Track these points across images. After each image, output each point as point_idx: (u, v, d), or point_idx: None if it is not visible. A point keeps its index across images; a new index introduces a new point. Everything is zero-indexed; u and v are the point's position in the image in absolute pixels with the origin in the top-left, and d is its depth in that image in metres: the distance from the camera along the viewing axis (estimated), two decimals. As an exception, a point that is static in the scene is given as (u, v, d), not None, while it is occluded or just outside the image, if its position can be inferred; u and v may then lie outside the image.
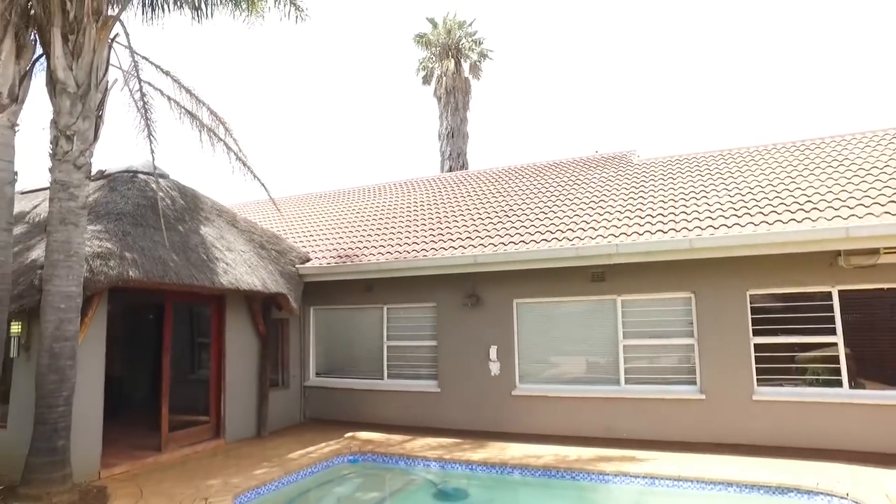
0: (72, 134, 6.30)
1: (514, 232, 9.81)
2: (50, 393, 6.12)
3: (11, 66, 6.34)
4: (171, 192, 9.31)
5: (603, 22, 47.40)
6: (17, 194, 9.86)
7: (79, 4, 6.45)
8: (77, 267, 6.30)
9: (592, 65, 49.80)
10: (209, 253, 8.74)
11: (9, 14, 6.35)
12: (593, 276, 9.04)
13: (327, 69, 52.96)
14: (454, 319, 10.04)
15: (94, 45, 6.47)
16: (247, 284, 8.95)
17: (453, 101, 25.94)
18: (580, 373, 9.25)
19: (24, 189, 9.98)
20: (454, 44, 26.66)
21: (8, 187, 6.25)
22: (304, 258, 11.29)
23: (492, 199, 12.15)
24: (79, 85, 6.39)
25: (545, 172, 13.25)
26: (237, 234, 10.25)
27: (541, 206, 10.85)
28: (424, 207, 12.85)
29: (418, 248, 10.28)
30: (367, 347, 10.99)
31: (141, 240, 7.59)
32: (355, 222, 13.00)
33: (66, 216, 6.23)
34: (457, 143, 25.61)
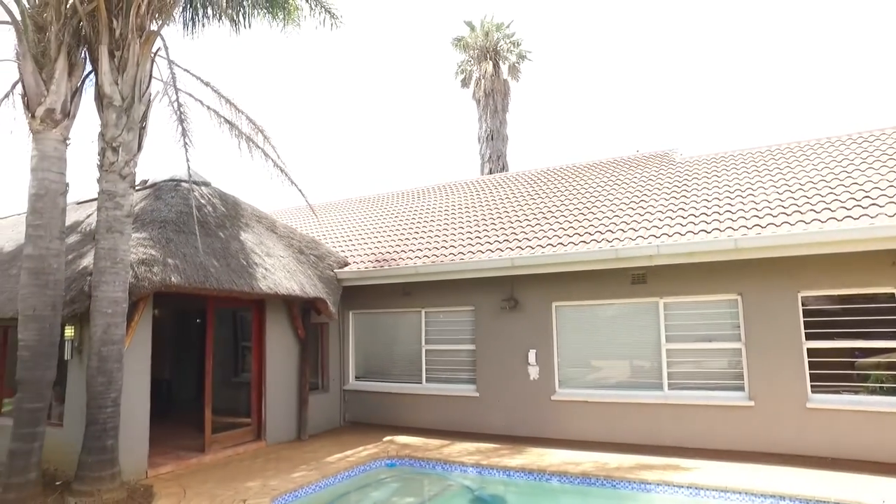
0: (117, 145, 6.56)
1: (552, 234, 9.66)
2: (99, 394, 6.36)
3: (64, 84, 6.64)
4: (212, 200, 9.58)
5: (644, 18, 46.38)
6: (73, 205, 10.38)
7: (124, 22, 6.72)
8: (123, 273, 6.54)
9: (633, 62, 48.79)
10: (249, 258, 8.94)
11: (62, 35, 6.66)
12: (634, 278, 8.79)
13: (365, 75, 53.66)
14: (492, 323, 9.95)
15: (137, 59, 6.72)
16: (285, 289, 9.10)
17: (492, 103, 25.83)
18: (622, 377, 9.00)
19: (79, 199, 10.47)
20: (492, 46, 26.56)
21: (60, 198, 6.55)
22: (343, 263, 11.42)
23: (530, 201, 12.01)
24: (123, 98, 6.65)
25: (584, 173, 13.01)
26: (276, 239, 10.45)
27: (580, 207, 10.65)
28: (462, 210, 12.82)
29: (456, 252, 10.25)
30: (406, 351, 11.01)
31: (183, 246, 7.83)
32: (393, 226, 13.07)
33: (113, 224, 6.48)
34: (496, 145, 25.49)
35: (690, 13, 44.23)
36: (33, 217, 6.32)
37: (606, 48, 48.56)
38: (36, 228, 6.31)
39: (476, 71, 26.63)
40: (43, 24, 6.59)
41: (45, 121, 6.40)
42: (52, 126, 6.44)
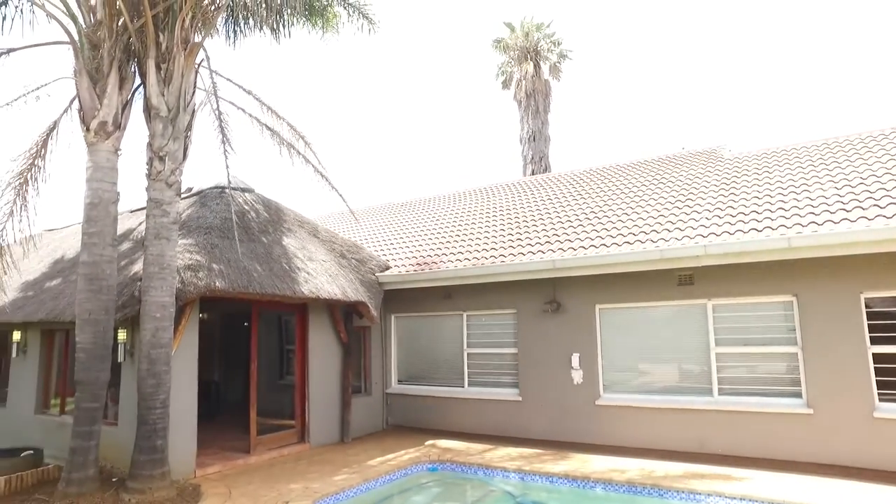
0: (164, 155, 6.79)
1: (595, 235, 9.44)
2: (149, 395, 6.58)
3: (115, 97, 6.93)
4: (255, 206, 9.80)
5: (689, 12, 45.08)
6: (126, 213, 10.83)
7: (170, 36, 6.97)
8: (170, 279, 6.75)
9: (678, 59, 47.47)
10: (291, 263, 9.09)
11: (114, 51, 6.97)
12: (680, 280, 8.49)
13: (405, 79, 54.12)
14: (535, 326, 9.80)
15: (182, 71, 6.95)
16: (327, 293, 9.21)
17: (533, 104, 25.58)
18: (669, 382, 8.69)
19: (132, 208, 10.91)
20: (532, 46, 26.33)
21: (112, 206, 6.83)
22: (384, 266, 11.50)
23: (572, 201, 11.80)
24: (169, 109, 6.88)
25: (628, 172, 12.69)
26: (318, 244, 10.60)
27: (623, 207, 10.38)
28: (503, 212, 12.71)
29: (497, 254, 10.16)
30: (448, 355, 10.98)
31: (228, 252, 8.02)
32: (434, 230, 13.08)
33: (160, 231, 6.71)
34: (538, 146, 25.22)
35: (736, 5, 42.75)
36: (88, 225, 6.61)
37: (650, 43, 47.46)
38: (90, 236, 6.60)
39: (517, 72, 26.45)
40: (97, 41, 6.90)
41: (98, 133, 6.69)
42: (105, 138, 6.72)
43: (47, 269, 10.20)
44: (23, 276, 10.25)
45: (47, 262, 10.60)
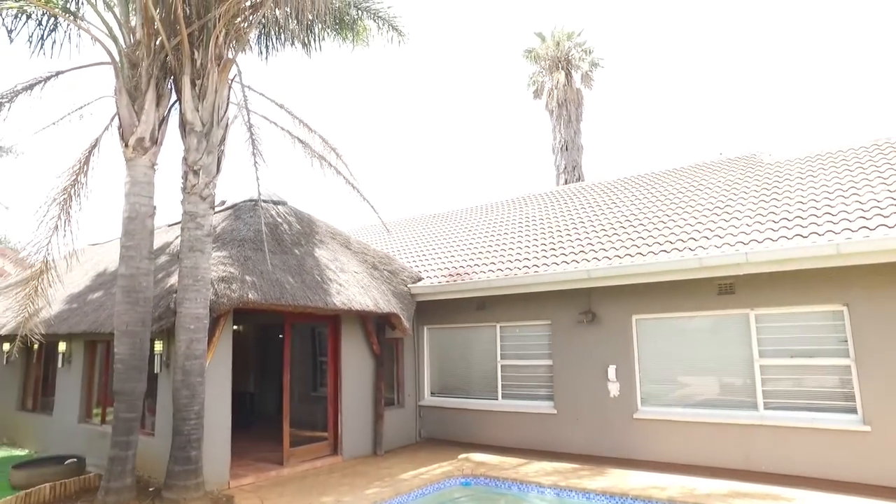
0: (198, 168, 6.92)
1: (631, 244, 9.21)
2: (183, 406, 6.66)
3: (153, 113, 7.12)
4: (288, 218, 9.91)
5: (721, 16, 44.18)
6: (165, 227, 11.11)
7: (204, 52, 7.13)
8: (204, 291, 6.84)
9: (711, 64, 46.50)
10: (323, 274, 9.14)
11: (152, 69, 7.17)
12: (720, 289, 8.18)
13: (436, 91, 54.47)
14: (569, 337, 9.59)
15: (215, 86, 7.10)
16: (359, 304, 9.21)
17: (565, 113, 25.35)
18: (711, 395, 8.35)
19: (170, 222, 11.18)
20: (563, 55, 26.15)
21: (149, 220, 6.98)
22: (416, 278, 11.46)
23: (606, 210, 11.57)
24: (203, 124, 7.02)
25: (663, 180, 12.40)
26: (350, 255, 10.64)
27: (659, 214, 10.11)
28: (536, 222, 12.56)
29: (530, 264, 10.01)
30: (481, 367, 10.84)
31: (260, 264, 8.11)
32: (466, 240, 13.00)
33: (194, 244, 6.82)
34: (571, 155, 24.95)
35: (770, 8, 41.70)
36: (125, 238, 6.77)
37: (682, 48, 46.65)
38: (128, 249, 6.75)
39: (548, 81, 26.29)
40: (136, 60, 7.11)
41: (136, 149, 6.87)
42: (142, 153, 6.89)
43: (90, 281, 10.51)
44: (68, 288, 10.59)
45: (91, 276, 10.93)
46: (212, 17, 6.88)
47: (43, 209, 6.99)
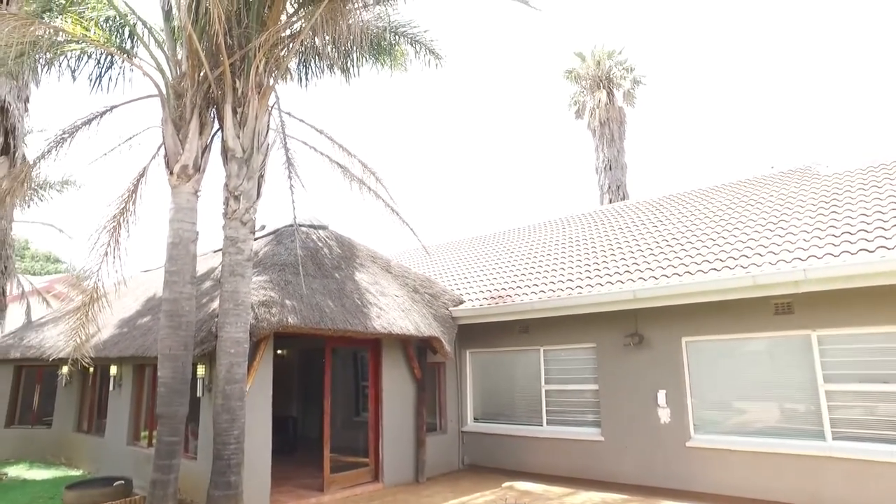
0: (238, 194, 7.04)
1: (678, 262, 8.84)
2: (223, 431, 6.66)
3: (196, 142, 7.32)
4: (328, 242, 9.98)
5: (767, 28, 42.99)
6: (211, 253, 11.39)
7: (245, 81, 7.32)
8: (244, 315, 6.90)
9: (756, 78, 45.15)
10: (363, 298, 9.12)
11: (196, 98, 7.40)
12: (777, 308, 7.70)
13: (476, 115, 54.83)
14: (616, 361, 9.22)
15: (255, 113, 7.25)
16: (399, 328, 9.13)
17: (608, 132, 25.01)
18: (771, 423, 7.81)
19: (215, 248, 11.46)
20: (604, 74, 25.91)
21: (192, 245, 7.13)
22: (458, 301, 11.32)
23: (651, 228, 11.20)
24: (244, 150, 7.17)
25: (711, 196, 11.94)
26: (391, 279, 10.62)
27: (707, 231, 9.70)
28: (579, 243, 12.28)
29: (573, 286, 9.74)
30: (525, 391, 10.54)
31: (300, 288, 8.15)
32: (508, 262, 12.81)
33: (235, 268, 6.90)
34: (615, 174, 24.51)
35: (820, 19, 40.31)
36: (169, 264, 6.93)
37: (727, 62, 45.53)
38: (171, 274, 6.90)
39: (589, 101, 26.06)
40: (181, 91, 7.36)
41: (180, 176, 7.07)
42: (186, 180, 7.08)
43: (140, 306, 10.84)
44: (120, 313, 10.95)
45: (141, 301, 11.28)
46: (252, 47, 7.07)
47: (94, 237, 7.25)
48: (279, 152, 8.44)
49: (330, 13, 6.96)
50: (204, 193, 7.50)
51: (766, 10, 41.89)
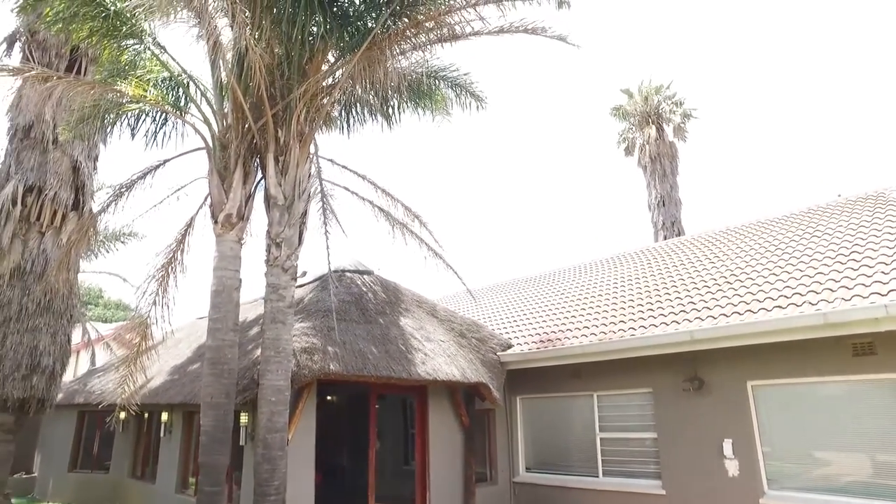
0: (280, 241, 7.11)
1: (738, 300, 8.27)
2: (264, 481, 6.53)
3: (240, 191, 7.51)
4: (373, 287, 9.95)
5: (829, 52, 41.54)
6: (259, 300, 11.56)
7: (287, 131, 7.50)
8: (285, 362, 6.85)
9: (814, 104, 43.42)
10: (408, 343, 8.96)
11: (240, 149, 7.64)
12: (856, 349, 7.00)
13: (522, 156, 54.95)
14: (675, 407, 8.61)
15: (297, 161, 7.39)
16: (445, 374, 8.88)
17: (660, 168, 24.42)
18: (861, 477, 6.98)
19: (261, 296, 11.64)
20: (653, 110, 25.51)
21: (235, 293, 7.22)
22: (506, 345, 10.99)
23: (708, 265, 10.62)
24: (286, 197, 7.28)
25: (772, 228, 11.26)
26: (437, 323, 10.43)
27: (770, 266, 9.08)
28: (633, 282, 11.78)
29: (626, 327, 9.28)
30: (579, 440, 9.97)
31: (343, 334, 8.09)
32: (558, 304, 12.41)
33: (276, 315, 6.91)
34: (669, 211, 23.76)
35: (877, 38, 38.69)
36: (213, 311, 7.01)
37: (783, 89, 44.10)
38: (215, 322, 6.97)
39: (639, 137, 25.63)
40: (226, 143, 7.62)
41: (224, 225, 7.23)
42: (230, 229, 7.23)
43: (191, 353, 11.05)
44: (173, 360, 11.19)
45: (192, 347, 11.51)
46: (293, 98, 7.25)
47: (143, 286, 7.46)
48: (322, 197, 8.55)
49: (367, 60, 7.08)
50: (248, 241, 7.62)
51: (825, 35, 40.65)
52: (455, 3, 7.31)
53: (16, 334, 10.00)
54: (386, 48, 7.19)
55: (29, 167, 10.79)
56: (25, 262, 10.29)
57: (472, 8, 7.36)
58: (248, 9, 6.45)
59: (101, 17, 7.09)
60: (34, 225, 10.56)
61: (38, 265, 10.34)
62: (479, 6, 7.38)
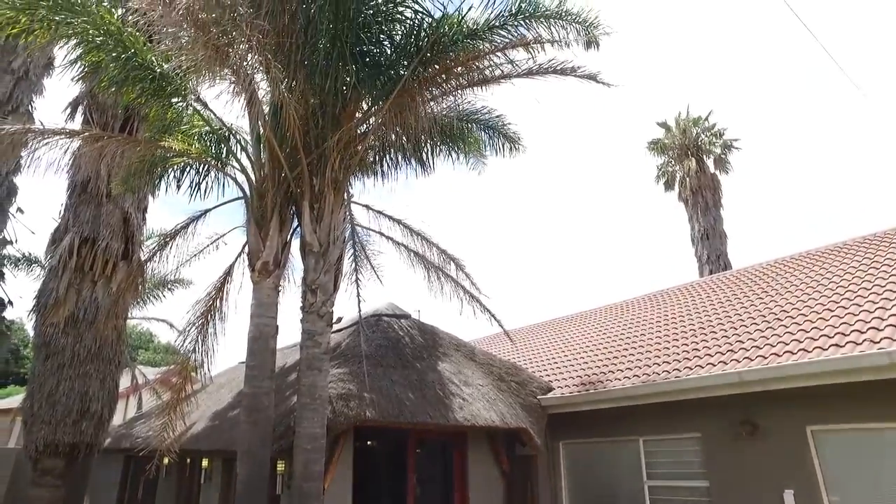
0: (315, 287, 7.18)
1: (790, 338, 7.83)
2: (300, 532, 6.42)
3: (276, 239, 7.67)
4: (410, 331, 9.90)
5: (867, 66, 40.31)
6: (296, 346, 11.66)
7: (321, 179, 7.66)
8: (321, 409, 6.81)
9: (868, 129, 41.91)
10: (445, 388, 8.82)
11: (276, 198, 7.84)
12: (927, 391, 6.49)
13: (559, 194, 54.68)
14: (726, 453, 8.11)
15: (331, 208, 7.51)
16: (484, 420, 8.68)
17: (702, 201, 23.88)
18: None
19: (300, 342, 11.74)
20: (692, 142, 25.12)
21: (272, 340, 7.28)
22: (546, 388, 10.70)
23: (756, 300, 10.17)
24: (321, 244, 7.37)
25: (825, 259, 10.74)
26: (475, 367, 10.26)
27: (823, 301, 8.61)
28: (677, 319, 11.38)
29: (671, 368, 8.90)
30: (626, 488, 9.48)
31: (380, 380, 8.02)
32: (600, 344, 12.07)
33: (312, 362, 6.91)
34: (713, 244, 23.09)
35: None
36: (250, 358, 7.07)
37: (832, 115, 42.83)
38: (251, 369, 7.02)
39: (678, 170, 25.22)
40: (263, 192, 7.84)
41: (261, 272, 7.36)
42: (267, 276, 7.35)
43: (231, 399, 11.15)
44: (214, 405, 11.30)
45: (233, 393, 11.62)
46: (328, 146, 7.43)
47: (184, 333, 7.61)
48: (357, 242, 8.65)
49: (399, 107, 7.22)
50: (285, 287, 7.73)
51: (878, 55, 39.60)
52: (483, 47, 7.43)
53: (68, 380, 10.35)
54: (416, 94, 7.33)
55: (85, 220, 11.37)
56: (78, 311, 10.71)
57: (500, 52, 7.47)
58: (282, 64, 6.70)
59: (149, 79, 7.50)
60: (87, 274, 11.03)
61: (89, 313, 10.75)
62: (508, 50, 7.48)
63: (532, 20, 7.27)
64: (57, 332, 10.51)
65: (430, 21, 7.57)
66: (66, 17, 6.78)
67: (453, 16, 7.50)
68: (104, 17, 7.03)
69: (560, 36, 7.40)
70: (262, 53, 6.38)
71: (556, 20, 7.33)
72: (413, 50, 7.37)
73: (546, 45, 7.44)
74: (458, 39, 7.11)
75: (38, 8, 6.66)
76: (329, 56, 7.01)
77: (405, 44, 7.50)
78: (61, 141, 7.38)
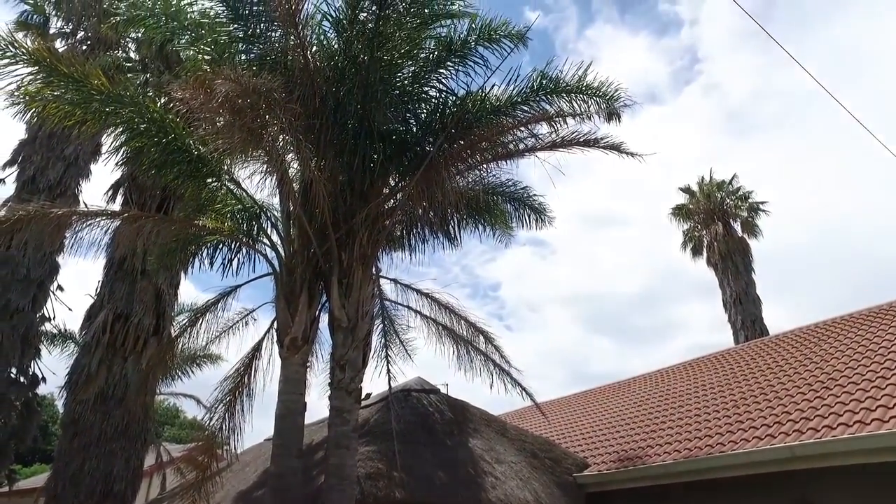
0: (344, 363, 7.11)
1: (843, 408, 7.38)
2: None
3: (305, 314, 7.68)
4: (440, 407, 9.64)
5: None
6: (324, 422, 11.43)
7: (350, 254, 7.74)
8: (349, 490, 6.57)
9: None
10: (477, 467, 8.47)
11: (305, 274, 7.92)
12: None
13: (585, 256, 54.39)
14: (782, 537, 7.51)
15: (360, 283, 7.54)
16: (518, 500, 8.23)
17: (732, 265, 23.48)
18: None
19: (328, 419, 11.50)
20: (717, 206, 25.01)
21: (299, 417, 7.15)
22: (582, 464, 10.19)
23: (800, 367, 9.71)
24: (349, 319, 7.35)
25: (869, 323, 10.27)
26: (507, 443, 9.87)
27: (874, 368, 8.17)
28: (717, 389, 10.91)
29: (713, 442, 8.43)
30: (675, 576, 8.79)
31: (409, 458, 7.75)
32: (636, 416, 11.57)
33: (340, 440, 6.74)
34: (747, 309, 22.48)
35: (970, 120, 37.12)
36: (276, 437, 6.94)
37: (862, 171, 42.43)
38: (278, 447, 6.86)
39: (706, 236, 24.99)
40: (292, 268, 7.94)
41: (289, 348, 7.34)
42: (295, 352, 7.32)
43: (256, 478, 10.81)
44: (241, 485, 10.96)
45: (258, 472, 11.29)
46: (356, 222, 7.56)
47: (211, 412, 7.53)
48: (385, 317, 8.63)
49: (425, 182, 7.37)
50: (313, 363, 7.68)
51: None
52: (507, 122, 7.63)
53: (93, 459, 10.24)
54: (442, 169, 7.48)
55: (119, 296, 11.63)
56: (108, 387, 10.75)
57: (523, 126, 7.66)
58: (313, 144, 6.96)
59: (186, 161, 7.84)
60: (119, 351, 11.14)
61: (119, 390, 10.77)
62: (531, 124, 7.68)
63: (553, 95, 7.49)
64: (86, 410, 10.51)
65: (454, 99, 7.87)
66: (116, 108, 7.22)
67: (477, 93, 7.79)
68: (149, 107, 7.47)
69: (582, 109, 7.59)
70: (293, 134, 6.66)
71: (576, 94, 7.53)
72: (438, 127, 7.61)
73: (569, 119, 7.61)
74: (481, 116, 7.34)
75: (91, 101, 7.12)
76: (357, 135, 7.27)
77: (430, 121, 7.77)
78: (102, 221, 7.68)
